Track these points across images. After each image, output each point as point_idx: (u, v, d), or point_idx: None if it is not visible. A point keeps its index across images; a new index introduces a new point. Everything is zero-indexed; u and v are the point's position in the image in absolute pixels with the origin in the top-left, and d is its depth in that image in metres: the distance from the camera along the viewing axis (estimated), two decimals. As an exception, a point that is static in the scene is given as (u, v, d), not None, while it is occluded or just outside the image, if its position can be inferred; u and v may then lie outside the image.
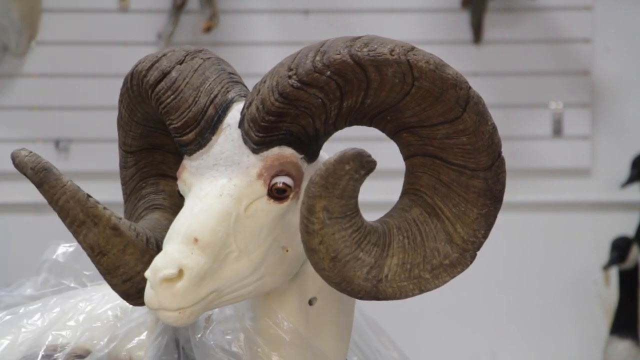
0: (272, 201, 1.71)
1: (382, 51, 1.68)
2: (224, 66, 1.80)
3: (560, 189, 4.80)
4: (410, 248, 1.74)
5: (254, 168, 1.71)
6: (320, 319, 1.81)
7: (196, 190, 1.72)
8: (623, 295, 4.51)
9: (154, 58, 1.80)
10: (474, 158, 1.72)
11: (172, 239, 1.66)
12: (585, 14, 4.76)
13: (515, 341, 4.78)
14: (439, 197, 1.74)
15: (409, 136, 1.74)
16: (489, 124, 1.72)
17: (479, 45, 4.73)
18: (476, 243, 1.75)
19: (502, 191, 1.76)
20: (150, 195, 1.92)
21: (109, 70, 4.72)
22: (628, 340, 4.45)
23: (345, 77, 1.67)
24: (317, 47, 1.70)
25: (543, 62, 4.76)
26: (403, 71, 1.68)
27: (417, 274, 1.74)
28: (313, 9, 4.78)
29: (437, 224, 1.75)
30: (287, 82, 1.68)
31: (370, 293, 1.73)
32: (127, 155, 1.93)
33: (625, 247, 4.48)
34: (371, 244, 1.72)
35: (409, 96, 1.70)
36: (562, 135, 4.76)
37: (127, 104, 1.87)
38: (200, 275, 1.64)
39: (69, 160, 4.71)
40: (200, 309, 1.66)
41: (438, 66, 1.69)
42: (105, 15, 4.81)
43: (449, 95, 1.70)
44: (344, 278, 1.72)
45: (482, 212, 1.74)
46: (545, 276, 4.80)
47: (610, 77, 4.80)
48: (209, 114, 1.74)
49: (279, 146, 1.71)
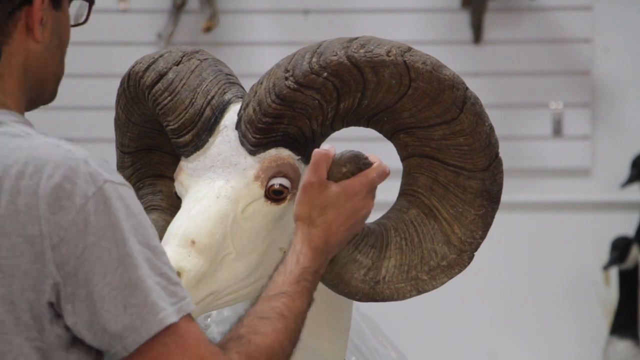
0: (269, 203, 1.71)
1: (379, 52, 1.68)
2: (221, 67, 1.80)
3: (560, 189, 4.80)
4: (408, 249, 1.74)
5: (251, 170, 1.71)
6: (317, 320, 1.80)
7: (193, 192, 1.72)
8: (623, 295, 4.51)
9: (150, 59, 1.80)
10: (471, 159, 1.72)
11: (169, 241, 1.66)
12: (585, 14, 4.75)
13: (514, 341, 4.78)
14: (436, 198, 1.74)
15: (406, 137, 1.74)
16: (486, 124, 1.72)
17: (479, 45, 4.73)
18: (474, 244, 1.75)
19: (499, 192, 1.76)
20: (148, 196, 1.92)
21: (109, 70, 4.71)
22: (628, 340, 4.45)
23: (342, 79, 1.67)
24: (314, 48, 1.70)
25: (543, 62, 4.75)
26: (400, 72, 1.68)
27: (415, 275, 1.74)
28: (313, 9, 4.77)
29: (435, 225, 1.75)
30: (283, 84, 1.68)
31: (368, 295, 1.73)
32: (124, 156, 1.93)
33: (625, 247, 4.48)
34: (368, 246, 1.72)
35: (405, 97, 1.70)
36: (562, 135, 4.75)
37: (124, 105, 1.87)
38: (197, 277, 1.64)
39: (69, 161, 4.71)
40: (198, 311, 1.66)
41: (435, 67, 1.69)
42: (105, 15, 4.81)
43: (446, 96, 1.70)
44: (341, 280, 1.72)
45: (479, 212, 1.74)
46: (545, 276, 4.79)
47: (610, 77, 4.79)
48: (205, 115, 1.74)
49: (276, 148, 1.71)
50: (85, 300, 1.41)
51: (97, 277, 1.40)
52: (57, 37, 1.56)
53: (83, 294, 1.41)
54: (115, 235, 1.41)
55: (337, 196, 1.65)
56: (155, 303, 1.41)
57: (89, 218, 1.40)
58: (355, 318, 2.02)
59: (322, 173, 1.65)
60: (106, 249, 1.41)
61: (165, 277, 1.44)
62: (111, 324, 1.41)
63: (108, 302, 1.40)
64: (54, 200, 1.40)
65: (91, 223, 1.40)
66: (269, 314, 1.55)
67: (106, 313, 1.40)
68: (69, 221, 1.40)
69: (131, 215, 1.43)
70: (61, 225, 1.40)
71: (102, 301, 1.40)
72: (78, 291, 1.41)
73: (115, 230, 1.41)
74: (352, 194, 1.66)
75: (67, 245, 1.40)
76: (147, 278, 1.42)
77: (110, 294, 1.40)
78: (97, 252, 1.40)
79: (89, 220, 1.40)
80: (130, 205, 1.43)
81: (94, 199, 1.41)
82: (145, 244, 1.43)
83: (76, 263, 1.40)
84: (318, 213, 1.65)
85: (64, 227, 1.40)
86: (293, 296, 1.58)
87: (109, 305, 1.41)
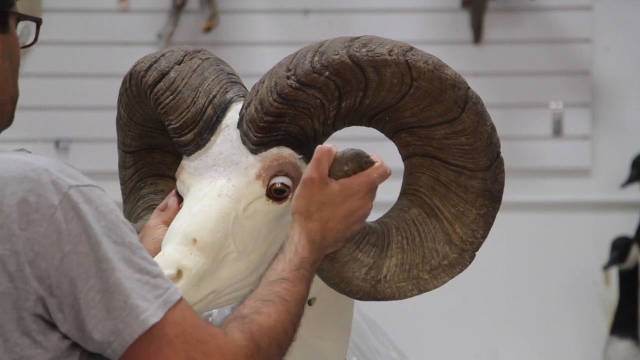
0: (271, 201, 1.71)
1: (381, 51, 1.68)
2: (222, 66, 1.80)
3: (560, 189, 4.80)
4: (409, 248, 1.74)
5: (252, 168, 1.71)
6: (319, 319, 1.80)
7: (195, 190, 1.72)
8: (623, 295, 4.51)
9: (152, 58, 1.80)
10: (473, 158, 1.72)
11: (170, 240, 1.66)
12: (585, 14, 4.75)
13: (515, 341, 4.78)
14: (437, 198, 1.74)
15: (408, 136, 1.74)
16: (487, 124, 1.72)
17: (479, 45, 4.73)
18: (475, 243, 1.75)
19: (500, 191, 1.76)
20: (150, 195, 1.92)
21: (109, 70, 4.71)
22: (628, 340, 4.45)
23: (343, 78, 1.67)
24: (316, 47, 1.70)
25: (543, 62, 4.76)
26: (401, 71, 1.68)
27: (416, 274, 1.74)
28: (313, 9, 4.77)
29: (436, 225, 1.75)
30: (285, 83, 1.68)
31: (369, 293, 1.73)
32: (126, 155, 1.93)
33: (625, 247, 4.48)
34: (370, 245, 1.72)
35: (407, 96, 1.70)
36: (562, 135, 4.75)
37: (125, 104, 1.87)
38: (199, 275, 1.64)
39: (69, 160, 4.71)
40: (199, 310, 1.66)
41: (437, 66, 1.69)
42: (105, 15, 4.81)
43: (448, 96, 1.70)
44: (342, 278, 1.72)
45: (480, 212, 1.74)
46: (545, 276, 4.79)
47: (610, 77, 4.79)
48: (207, 114, 1.74)
49: (278, 147, 1.71)
50: (73, 307, 1.40)
51: (81, 283, 1.40)
52: (9, 60, 1.55)
53: (70, 301, 1.40)
54: (90, 240, 1.40)
55: (337, 194, 1.66)
56: (135, 305, 1.41)
57: (61, 227, 1.40)
58: (356, 318, 2.02)
59: (323, 169, 1.65)
60: (84, 253, 1.40)
61: (145, 272, 1.43)
62: (98, 328, 1.40)
63: (93, 306, 1.40)
64: (21, 216, 1.39)
65: (64, 231, 1.40)
66: (270, 297, 1.55)
67: (92, 318, 1.40)
68: (40, 234, 1.40)
69: (101, 217, 1.42)
70: (34, 239, 1.40)
71: (88, 306, 1.40)
72: (65, 300, 1.40)
73: (88, 235, 1.40)
74: (351, 193, 1.66)
75: (44, 259, 1.39)
76: (126, 280, 1.41)
77: (95, 298, 1.40)
78: (77, 258, 1.40)
79: (61, 229, 1.40)
80: (98, 206, 1.43)
81: (62, 207, 1.40)
82: (121, 243, 1.43)
83: (57, 274, 1.40)
84: (316, 209, 1.65)
85: (37, 240, 1.40)
86: (294, 282, 1.58)
87: (94, 310, 1.40)
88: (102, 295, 1.40)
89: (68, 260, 1.40)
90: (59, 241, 1.40)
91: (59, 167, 1.43)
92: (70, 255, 1.40)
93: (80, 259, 1.40)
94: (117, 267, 1.41)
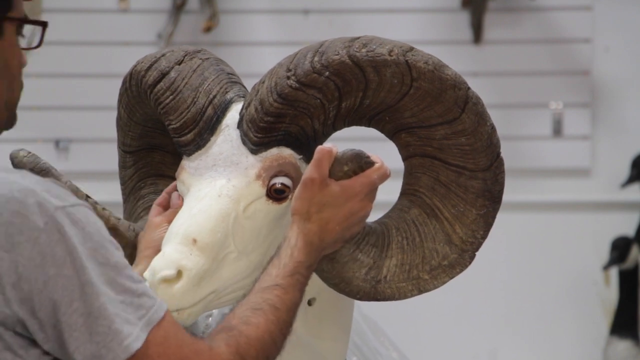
0: (271, 202, 1.71)
1: (381, 52, 1.68)
2: (222, 66, 1.80)
3: (560, 189, 4.80)
4: (409, 249, 1.74)
5: (252, 169, 1.71)
6: (319, 319, 1.80)
7: (195, 191, 1.72)
8: (623, 295, 4.51)
9: (152, 58, 1.80)
10: (473, 159, 1.72)
11: (170, 240, 1.66)
12: (585, 14, 4.75)
13: (515, 341, 4.78)
14: (437, 198, 1.74)
15: (408, 137, 1.74)
16: (487, 124, 1.72)
17: (479, 45, 4.73)
18: (475, 244, 1.75)
19: (501, 192, 1.76)
20: (150, 196, 1.92)
21: (109, 70, 4.71)
22: (628, 340, 4.45)
23: (343, 78, 1.68)
24: (316, 47, 1.70)
25: (543, 62, 4.76)
26: (402, 72, 1.68)
27: (416, 274, 1.74)
28: (313, 9, 4.77)
29: (436, 225, 1.75)
30: (285, 83, 1.68)
31: (369, 294, 1.73)
32: (126, 156, 1.93)
33: (625, 247, 4.48)
34: (370, 245, 1.72)
35: (407, 97, 1.70)
36: (562, 135, 4.75)
37: (126, 104, 1.87)
38: (199, 275, 1.64)
39: (69, 160, 4.71)
40: (199, 310, 1.66)
41: (437, 67, 1.69)
42: (105, 15, 4.81)
43: (448, 96, 1.70)
44: (342, 279, 1.72)
45: (481, 212, 1.74)
46: (545, 276, 4.79)
47: (610, 77, 4.79)
48: (207, 114, 1.74)
49: (278, 147, 1.71)
50: (55, 328, 1.40)
51: (64, 306, 1.40)
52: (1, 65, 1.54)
53: (52, 322, 1.40)
54: (75, 263, 1.40)
55: (337, 195, 1.65)
56: (119, 330, 1.41)
57: (45, 250, 1.39)
58: (356, 318, 2.02)
59: (324, 170, 1.65)
60: (69, 276, 1.40)
61: (129, 293, 1.43)
62: (80, 350, 1.40)
63: (76, 329, 1.40)
64: (5, 238, 1.39)
65: (48, 255, 1.39)
66: (261, 305, 1.54)
67: (75, 340, 1.40)
68: (25, 257, 1.39)
69: (87, 238, 1.42)
70: (18, 262, 1.39)
71: (71, 329, 1.40)
72: (47, 321, 1.40)
73: (73, 258, 1.40)
74: (351, 195, 1.66)
75: (28, 282, 1.39)
76: (110, 304, 1.41)
77: (78, 321, 1.40)
78: (61, 281, 1.39)
79: (46, 253, 1.39)
80: (84, 227, 1.42)
81: (47, 230, 1.39)
82: (106, 264, 1.42)
83: (40, 297, 1.39)
84: (316, 210, 1.65)
85: (22, 263, 1.39)
86: (287, 289, 1.58)
87: (77, 333, 1.40)
88: (85, 319, 1.40)
89: (52, 283, 1.39)
90: (43, 264, 1.39)
91: (45, 187, 1.42)
92: (54, 279, 1.39)
93: (64, 282, 1.39)
94: (102, 291, 1.41)
